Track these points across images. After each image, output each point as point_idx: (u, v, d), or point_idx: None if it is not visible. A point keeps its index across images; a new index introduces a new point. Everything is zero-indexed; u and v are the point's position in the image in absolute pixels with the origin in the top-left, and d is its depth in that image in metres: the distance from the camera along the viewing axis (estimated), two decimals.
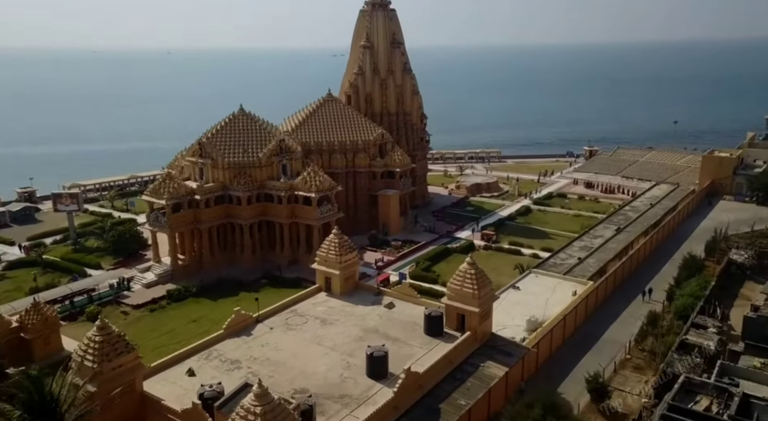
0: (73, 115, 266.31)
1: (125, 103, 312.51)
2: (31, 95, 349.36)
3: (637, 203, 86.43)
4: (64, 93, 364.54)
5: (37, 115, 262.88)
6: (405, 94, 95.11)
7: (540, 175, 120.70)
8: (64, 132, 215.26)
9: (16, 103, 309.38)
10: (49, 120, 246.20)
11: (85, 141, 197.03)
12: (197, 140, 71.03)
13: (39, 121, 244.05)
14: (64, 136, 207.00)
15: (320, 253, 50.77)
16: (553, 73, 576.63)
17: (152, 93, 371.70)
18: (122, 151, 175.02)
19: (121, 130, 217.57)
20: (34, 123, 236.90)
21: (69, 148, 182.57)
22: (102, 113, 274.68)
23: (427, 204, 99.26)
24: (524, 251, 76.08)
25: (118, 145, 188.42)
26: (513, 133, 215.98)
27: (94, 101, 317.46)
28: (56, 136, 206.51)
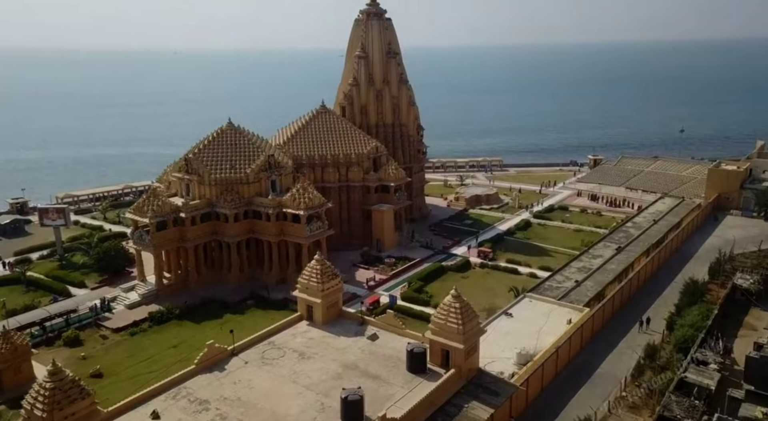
0: (93, 117, 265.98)
1: (143, 103, 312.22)
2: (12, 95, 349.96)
3: (639, 219, 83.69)
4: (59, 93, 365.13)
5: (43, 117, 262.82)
6: (401, 106, 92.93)
7: (542, 186, 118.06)
8: (90, 136, 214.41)
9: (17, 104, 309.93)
10: (64, 122, 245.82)
11: (112, 145, 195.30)
12: (183, 155, 69.13)
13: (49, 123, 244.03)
14: (90, 140, 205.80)
15: (302, 280, 48.60)
16: (557, 73, 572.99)
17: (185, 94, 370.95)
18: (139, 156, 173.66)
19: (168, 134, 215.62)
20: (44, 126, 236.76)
21: (94, 152, 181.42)
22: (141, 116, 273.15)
23: (424, 217, 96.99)
24: (521, 269, 73.68)
25: (140, 149, 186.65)
26: (516, 138, 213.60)
27: (110, 104, 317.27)
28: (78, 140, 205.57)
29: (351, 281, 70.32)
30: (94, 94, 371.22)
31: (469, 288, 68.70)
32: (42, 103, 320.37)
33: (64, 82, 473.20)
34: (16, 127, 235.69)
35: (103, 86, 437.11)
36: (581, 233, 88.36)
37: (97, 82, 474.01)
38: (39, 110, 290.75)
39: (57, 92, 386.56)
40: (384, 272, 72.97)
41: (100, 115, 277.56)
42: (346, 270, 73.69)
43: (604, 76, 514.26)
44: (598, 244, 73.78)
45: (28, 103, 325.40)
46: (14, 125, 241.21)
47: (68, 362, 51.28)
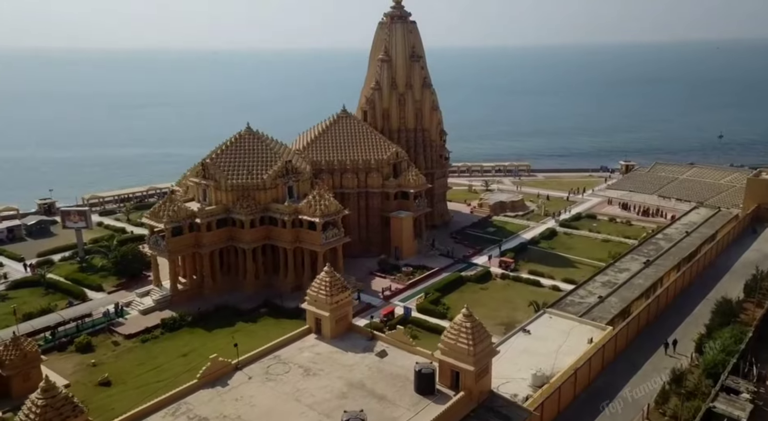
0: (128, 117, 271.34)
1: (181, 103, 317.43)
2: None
3: (671, 230, 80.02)
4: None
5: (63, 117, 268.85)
6: (424, 110, 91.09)
7: (570, 193, 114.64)
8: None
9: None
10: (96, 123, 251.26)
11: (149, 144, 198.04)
12: (201, 160, 68.76)
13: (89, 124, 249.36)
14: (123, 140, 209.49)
15: (310, 292, 47.29)
16: (598, 74, 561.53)
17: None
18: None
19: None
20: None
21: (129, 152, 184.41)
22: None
23: (446, 223, 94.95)
24: (544, 281, 71.13)
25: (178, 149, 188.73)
26: (547, 141, 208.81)
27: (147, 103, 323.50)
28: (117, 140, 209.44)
29: (367, 289, 68.93)
30: (130, 94, 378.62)
31: (489, 300, 66.69)
32: (78, 103, 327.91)
33: (101, 83, 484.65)
34: (50, 126, 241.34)
35: (139, 86, 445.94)
36: (609, 243, 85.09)
37: (133, 83, 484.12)
38: (75, 110, 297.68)
39: (92, 92, 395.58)
40: (401, 281, 71.31)
41: (133, 115, 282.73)
42: (362, 278, 72.40)
43: (645, 77, 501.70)
44: (625, 256, 70.63)
45: (66, 102, 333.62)
46: (48, 124, 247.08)
47: (78, 368, 51.23)
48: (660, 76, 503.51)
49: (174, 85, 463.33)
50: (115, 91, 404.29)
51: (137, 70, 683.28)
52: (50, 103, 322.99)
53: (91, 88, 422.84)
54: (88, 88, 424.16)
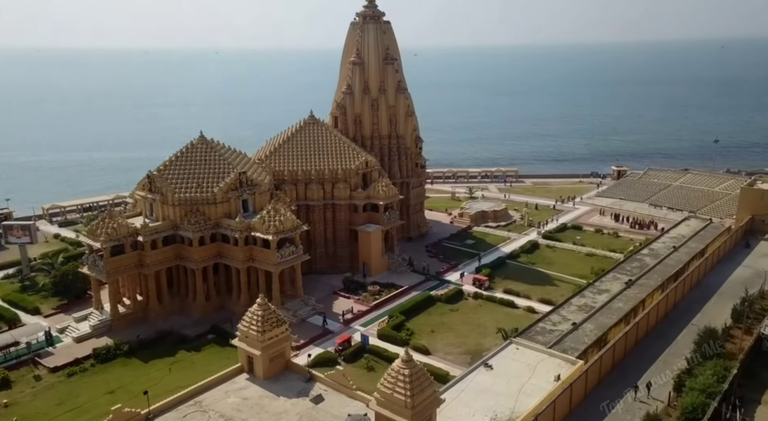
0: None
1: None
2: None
3: (658, 245, 74.81)
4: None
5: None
6: (398, 116, 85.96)
7: (557, 202, 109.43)
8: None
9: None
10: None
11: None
12: (147, 173, 63.78)
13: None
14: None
15: (241, 327, 42.51)
16: (585, 74, 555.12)
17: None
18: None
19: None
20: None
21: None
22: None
23: (423, 236, 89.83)
24: (519, 302, 66.02)
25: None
26: (538, 143, 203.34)
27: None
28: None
29: (327, 312, 63.82)
30: (135, 95, 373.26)
31: (457, 324, 61.61)
32: (51, 103, 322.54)
33: (84, 82, 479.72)
34: (14, 129, 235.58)
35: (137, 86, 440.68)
36: (593, 258, 79.90)
37: (132, 82, 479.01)
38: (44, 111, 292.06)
39: (78, 92, 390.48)
40: (365, 301, 66.25)
41: (112, 116, 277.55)
42: (324, 299, 67.37)
43: (643, 77, 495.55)
44: (606, 275, 65.45)
45: (59, 103, 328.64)
46: (13, 127, 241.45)
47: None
48: (660, 77, 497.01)
49: (174, 84, 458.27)
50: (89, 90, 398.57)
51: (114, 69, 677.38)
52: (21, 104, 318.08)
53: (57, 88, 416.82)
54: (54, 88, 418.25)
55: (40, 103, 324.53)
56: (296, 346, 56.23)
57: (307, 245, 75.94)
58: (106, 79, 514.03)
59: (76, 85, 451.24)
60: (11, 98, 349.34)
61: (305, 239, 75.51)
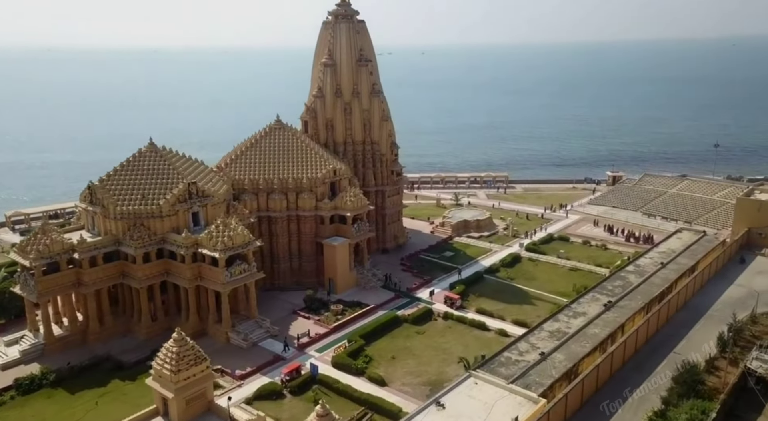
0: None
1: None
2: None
3: (645, 260, 69.59)
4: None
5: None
6: (373, 120, 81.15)
7: (546, 210, 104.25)
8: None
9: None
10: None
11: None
12: (88, 182, 59.33)
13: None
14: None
15: (155, 365, 37.89)
16: (585, 73, 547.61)
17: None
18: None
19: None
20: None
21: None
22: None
23: (400, 247, 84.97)
24: (491, 323, 61.08)
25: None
26: (534, 146, 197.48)
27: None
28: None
29: (282, 333, 59.13)
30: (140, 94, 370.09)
31: (421, 349, 56.75)
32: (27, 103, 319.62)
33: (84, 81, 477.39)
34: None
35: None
36: (576, 273, 74.78)
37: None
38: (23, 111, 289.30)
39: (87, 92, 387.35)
40: (326, 323, 61.48)
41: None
42: (282, 319, 62.69)
43: (649, 76, 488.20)
44: (585, 295, 60.33)
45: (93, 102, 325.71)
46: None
47: None
48: (667, 76, 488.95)
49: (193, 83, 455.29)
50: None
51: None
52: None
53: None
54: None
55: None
56: (241, 375, 51.68)
57: (270, 259, 71.58)
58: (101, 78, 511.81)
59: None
60: None
61: (268, 253, 71.23)
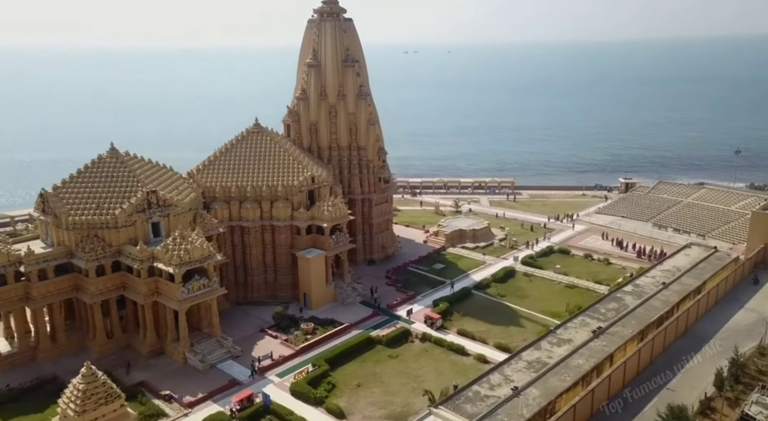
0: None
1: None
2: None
3: (646, 279, 63.77)
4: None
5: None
6: (359, 124, 76.77)
7: (549, 219, 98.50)
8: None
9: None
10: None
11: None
12: (41, 191, 56.10)
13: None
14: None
15: (61, 403, 34.04)
16: (603, 71, 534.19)
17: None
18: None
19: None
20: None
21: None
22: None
23: (389, 258, 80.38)
24: (471, 347, 56.16)
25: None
26: (544, 148, 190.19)
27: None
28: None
29: (245, 356, 55.03)
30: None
31: (391, 375, 52.15)
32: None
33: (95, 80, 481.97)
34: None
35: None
36: (573, 291, 69.30)
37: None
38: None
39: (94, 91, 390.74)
40: (293, 343, 57.24)
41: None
42: (248, 338, 58.66)
43: (678, 75, 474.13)
44: (574, 319, 54.93)
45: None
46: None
47: None
48: (689, 76, 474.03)
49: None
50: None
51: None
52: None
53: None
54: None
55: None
56: (189, 402, 47.71)
57: (243, 271, 67.75)
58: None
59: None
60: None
61: (241, 265, 67.43)
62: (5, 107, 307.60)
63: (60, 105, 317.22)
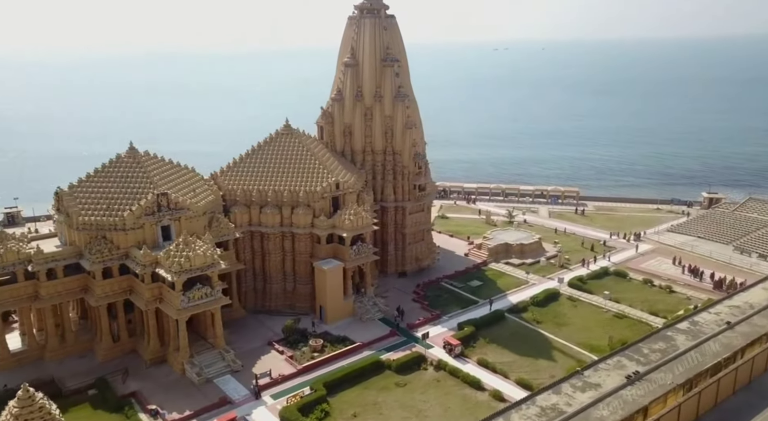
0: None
1: None
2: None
3: (708, 316, 54.51)
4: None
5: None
6: (395, 128, 72.14)
7: (611, 236, 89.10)
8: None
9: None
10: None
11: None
12: (57, 189, 55.97)
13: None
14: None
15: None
16: (687, 70, 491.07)
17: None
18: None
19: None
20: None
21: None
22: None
23: (423, 271, 75.25)
24: (489, 381, 50.22)
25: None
26: (626, 152, 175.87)
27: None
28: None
29: (245, 371, 52.10)
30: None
31: (392, 407, 47.38)
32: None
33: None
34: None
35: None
36: (622, 321, 61.13)
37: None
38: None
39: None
40: (297, 360, 53.74)
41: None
42: (253, 351, 55.80)
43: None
44: (608, 359, 47.42)
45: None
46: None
47: None
48: None
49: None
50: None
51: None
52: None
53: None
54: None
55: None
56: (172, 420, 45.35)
57: (262, 278, 65.24)
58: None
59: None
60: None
61: (260, 272, 64.95)
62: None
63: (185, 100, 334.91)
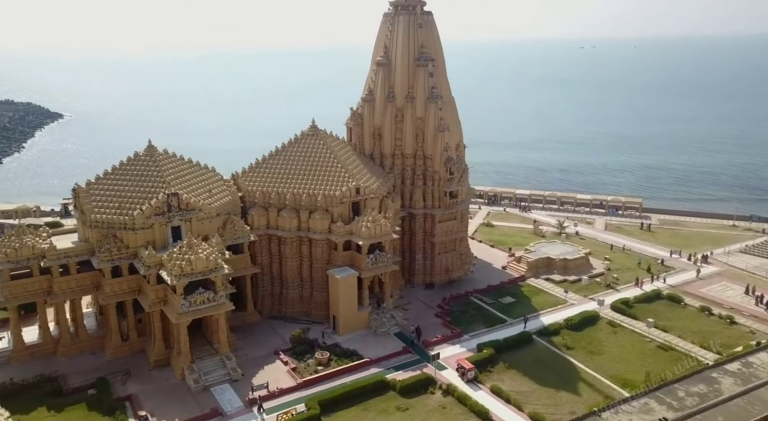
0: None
1: None
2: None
3: (766, 357, 47.12)
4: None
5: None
6: (427, 131, 68.24)
7: (671, 254, 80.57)
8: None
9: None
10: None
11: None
12: (74, 186, 56.40)
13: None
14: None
15: None
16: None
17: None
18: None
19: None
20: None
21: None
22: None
23: (453, 282, 70.88)
24: (499, 412, 45.73)
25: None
26: (703, 162, 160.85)
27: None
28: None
29: (245, 381, 50.22)
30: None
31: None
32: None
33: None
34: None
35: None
36: (667, 354, 54.20)
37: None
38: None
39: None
40: (299, 373, 51.24)
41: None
42: (258, 360, 54.03)
43: None
44: (633, 401, 41.63)
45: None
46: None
47: None
48: None
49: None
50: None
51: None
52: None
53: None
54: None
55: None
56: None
57: (279, 283, 63.39)
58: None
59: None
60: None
61: (278, 276, 63.14)
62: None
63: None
